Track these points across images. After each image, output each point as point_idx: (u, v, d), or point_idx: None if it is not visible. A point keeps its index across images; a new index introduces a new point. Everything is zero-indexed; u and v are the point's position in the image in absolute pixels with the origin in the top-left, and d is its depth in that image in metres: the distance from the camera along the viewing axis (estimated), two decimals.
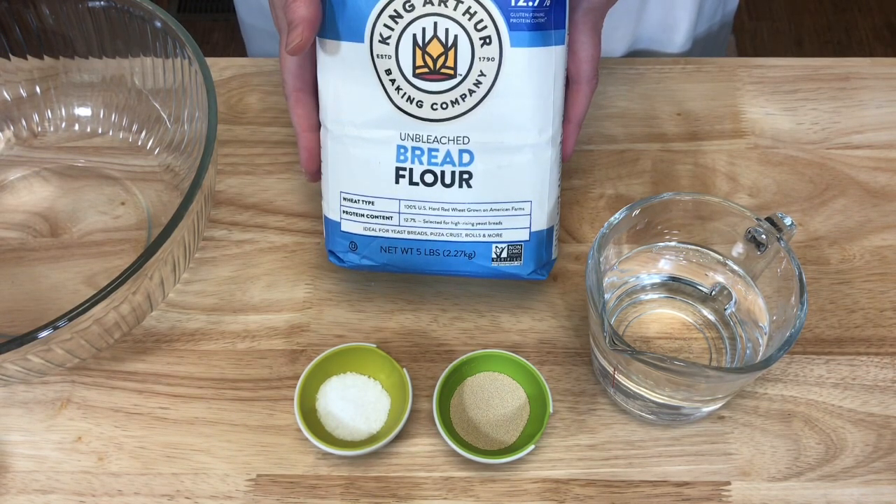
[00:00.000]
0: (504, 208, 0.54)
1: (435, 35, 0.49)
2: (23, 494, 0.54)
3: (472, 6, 0.48)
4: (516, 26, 0.49)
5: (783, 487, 0.53)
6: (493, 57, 0.50)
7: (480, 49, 0.50)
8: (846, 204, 0.64)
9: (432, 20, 0.49)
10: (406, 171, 0.53)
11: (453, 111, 0.51)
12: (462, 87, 0.51)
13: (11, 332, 0.59)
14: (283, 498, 0.54)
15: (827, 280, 0.61)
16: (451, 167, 0.53)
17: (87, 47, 0.66)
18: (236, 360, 0.58)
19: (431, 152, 0.52)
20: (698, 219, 0.54)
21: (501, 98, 0.51)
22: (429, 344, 0.59)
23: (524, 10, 0.49)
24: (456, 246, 0.54)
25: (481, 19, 0.49)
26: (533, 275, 0.56)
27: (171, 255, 0.53)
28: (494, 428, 0.55)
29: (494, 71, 0.50)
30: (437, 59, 0.50)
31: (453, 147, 0.52)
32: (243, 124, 0.69)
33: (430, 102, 0.51)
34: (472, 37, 0.49)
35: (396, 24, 0.49)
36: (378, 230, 0.54)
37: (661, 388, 0.51)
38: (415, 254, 0.55)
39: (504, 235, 0.54)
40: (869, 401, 0.56)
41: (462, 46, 0.50)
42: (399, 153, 0.53)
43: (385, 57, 0.50)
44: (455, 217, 0.54)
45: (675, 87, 0.70)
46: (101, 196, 0.66)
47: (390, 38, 0.50)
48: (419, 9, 0.49)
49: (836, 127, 0.68)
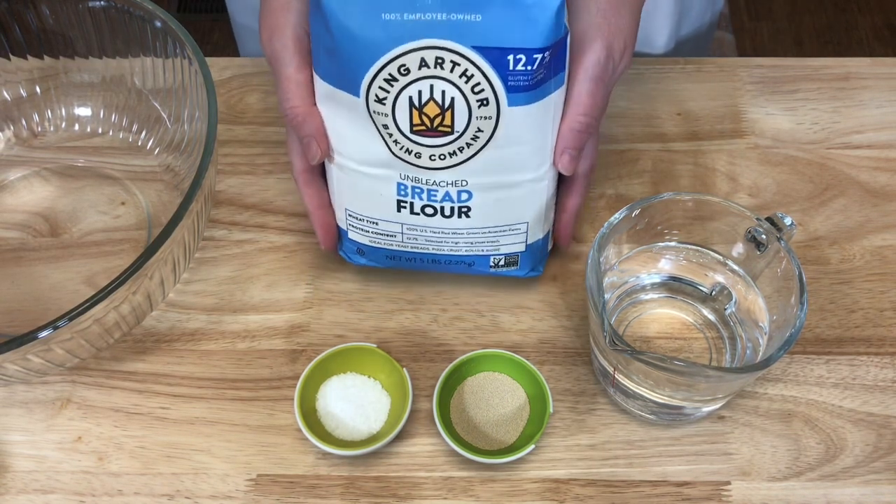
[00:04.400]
0: (501, 229, 0.55)
1: (431, 97, 0.48)
2: (23, 494, 0.54)
3: (469, 69, 0.46)
4: (514, 88, 0.47)
5: (783, 487, 0.53)
6: (490, 116, 0.48)
7: (478, 109, 0.48)
8: (846, 204, 0.64)
9: (428, 83, 0.47)
10: (407, 204, 0.54)
11: (451, 161, 0.51)
12: (460, 141, 0.50)
13: (11, 332, 0.59)
14: (283, 498, 0.54)
15: (827, 280, 0.61)
16: (451, 203, 0.53)
17: (87, 47, 0.66)
18: (236, 360, 0.58)
19: (431, 192, 0.53)
20: (698, 219, 0.54)
21: (499, 148, 0.50)
22: (429, 344, 0.59)
23: (522, 74, 0.46)
24: (456, 258, 0.57)
25: (478, 82, 0.47)
26: (530, 273, 0.58)
27: (171, 255, 0.53)
28: (494, 428, 0.55)
29: (492, 127, 0.49)
30: (433, 118, 0.48)
31: (452, 189, 0.52)
32: (243, 124, 0.69)
33: (428, 154, 0.50)
34: (469, 99, 0.48)
35: (392, 87, 0.47)
36: (383, 243, 0.57)
37: (661, 388, 0.51)
38: (418, 262, 0.58)
39: (502, 249, 0.56)
40: (869, 401, 0.56)
41: (459, 107, 0.48)
42: (399, 189, 0.53)
43: (382, 114, 0.49)
44: (455, 238, 0.55)
45: (675, 87, 0.70)
46: (101, 196, 0.66)
47: (386, 99, 0.48)
48: (415, 72, 0.46)
49: (836, 127, 0.68)
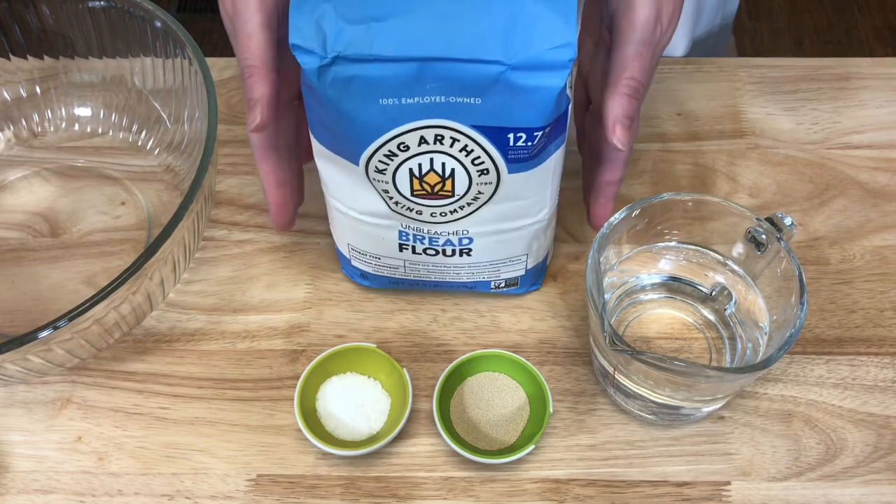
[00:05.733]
0: (502, 261, 0.56)
1: (431, 168, 0.47)
2: (23, 494, 0.54)
3: (469, 144, 0.46)
4: (514, 160, 0.47)
5: (783, 487, 0.53)
6: (490, 182, 0.48)
7: (478, 177, 0.48)
8: (846, 204, 0.64)
9: (428, 157, 0.47)
10: (409, 246, 0.54)
11: (452, 217, 0.51)
12: (461, 202, 0.50)
13: (11, 332, 0.59)
14: (283, 498, 0.54)
15: (827, 280, 0.61)
16: (452, 247, 0.54)
17: (87, 47, 0.66)
18: (236, 360, 0.58)
19: (432, 239, 0.53)
20: (698, 219, 0.54)
21: (500, 203, 0.50)
22: (429, 344, 0.59)
23: (523, 149, 0.46)
24: (458, 285, 0.58)
25: (478, 156, 0.47)
26: (530, 289, 0.60)
27: (171, 255, 0.53)
28: (494, 428, 0.55)
29: (492, 190, 0.49)
30: (434, 186, 0.49)
31: (453, 237, 0.53)
32: (243, 124, 0.69)
33: (429, 212, 0.51)
34: (470, 170, 0.48)
35: (392, 161, 0.47)
36: (386, 272, 0.57)
37: (661, 388, 0.51)
38: (420, 286, 0.59)
39: (502, 275, 0.57)
40: (869, 401, 0.56)
41: (459, 176, 0.48)
42: (401, 235, 0.53)
43: (382, 181, 0.49)
44: (456, 270, 0.56)
45: (675, 87, 0.70)
46: (101, 196, 0.66)
47: (386, 171, 0.48)
48: (414, 149, 0.46)
49: (836, 127, 0.68)
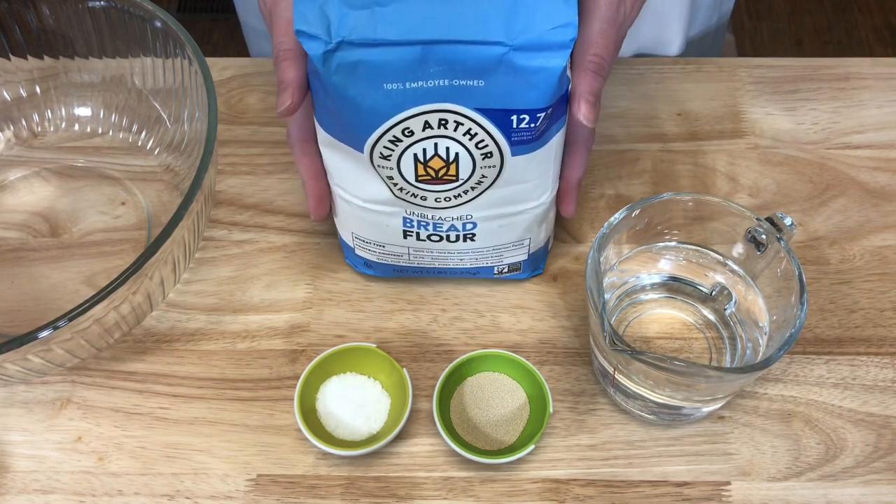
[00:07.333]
0: (505, 246, 0.56)
1: (436, 153, 0.48)
2: (23, 494, 0.54)
3: (473, 128, 0.47)
4: (517, 142, 0.48)
5: (783, 487, 0.53)
6: (494, 165, 0.49)
7: (482, 161, 0.49)
8: (846, 204, 0.64)
9: (433, 141, 0.47)
10: (413, 233, 0.55)
11: (456, 202, 0.52)
12: (464, 186, 0.50)
13: (11, 332, 0.59)
14: (283, 498, 0.54)
15: (827, 280, 0.61)
16: (456, 232, 0.54)
17: (87, 47, 0.66)
18: (236, 360, 0.58)
19: (436, 224, 0.54)
20: (698, 219, 0.54)
21: (503, 187, 0.51)
22: (429, 344, 0.59)
23: (526, 130, 0.47)
24: (461, 271, 0.58)
25: (482, 139, 0.47)
26: (532, 274, 0.60)
27: (171, 255, 0.53)
28: (494, 428, 0.55)
29: (496, 173, 0.50)
30: (438, 170, 0.49)
31: (457, 222, 0.53)
32: (243, 124, 0.69)
33: (433, 197, 0.51)
34: (474, 153, 0.48)
35: (396, 146, 0.48)
36: (390, 260, 0.58)
37: (661, 388, 0.51)
38: (424, 273, 0.59)
39: (505, 260, 0.58)
40: (869, 401, 0.56)
41: (463, 160, 0.49)
42: (405, 222, 0.54)
43: (386, 168, 0.49)
44: (460, 256, 0.57)
45: (675, 87, 0.70)
46: (101, 196, 0.66)
47: (391, 157, 0.48)
48: (419, 133, 0.47)
49: (836, 127, 0.68)
